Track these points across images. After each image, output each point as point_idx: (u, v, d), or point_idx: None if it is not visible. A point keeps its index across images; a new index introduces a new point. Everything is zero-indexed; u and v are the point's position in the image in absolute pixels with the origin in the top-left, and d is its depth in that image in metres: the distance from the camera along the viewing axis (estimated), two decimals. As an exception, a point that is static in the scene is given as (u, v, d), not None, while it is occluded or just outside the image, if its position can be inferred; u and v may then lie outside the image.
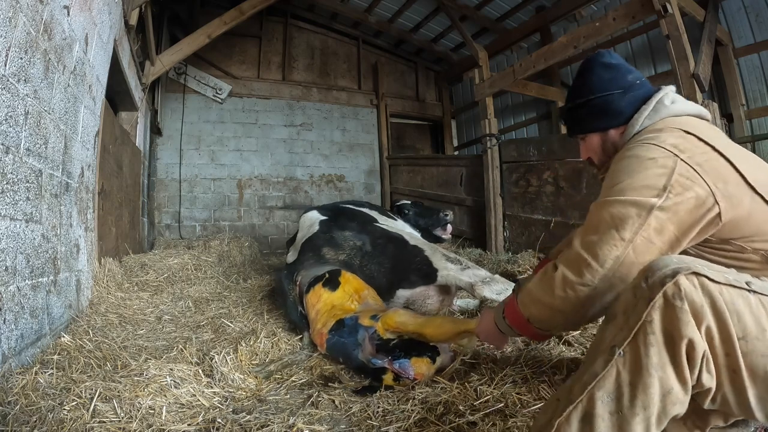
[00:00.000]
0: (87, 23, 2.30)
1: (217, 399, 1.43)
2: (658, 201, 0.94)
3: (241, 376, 1.61)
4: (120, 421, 1.22)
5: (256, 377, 1.66)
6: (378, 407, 1.35)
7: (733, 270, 0.85)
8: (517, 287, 1.31)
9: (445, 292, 2.41)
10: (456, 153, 7.54)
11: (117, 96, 3.84)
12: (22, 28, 1.50)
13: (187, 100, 5.97)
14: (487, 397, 1.32)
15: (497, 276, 2.26)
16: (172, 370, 1.50)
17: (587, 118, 1.28)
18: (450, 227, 3.49)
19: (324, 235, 2.47)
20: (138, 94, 4.20)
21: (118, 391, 1.32)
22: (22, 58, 1.51)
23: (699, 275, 0.78)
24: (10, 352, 1.44)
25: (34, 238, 1.68)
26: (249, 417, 1.29)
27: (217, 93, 6.06)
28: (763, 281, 0.83)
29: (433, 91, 7.89)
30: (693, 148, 0.99)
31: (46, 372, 1.44)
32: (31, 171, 1.65)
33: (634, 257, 0.94)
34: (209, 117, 6.09)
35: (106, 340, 1.91)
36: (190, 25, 5.52)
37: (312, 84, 6.83)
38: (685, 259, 0.82)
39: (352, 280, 2.05)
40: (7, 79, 1.42)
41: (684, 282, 0.77)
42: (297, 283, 2.20)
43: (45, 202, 1.79)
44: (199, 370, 1.58)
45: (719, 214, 0.94)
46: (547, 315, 1.08)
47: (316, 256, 2.36)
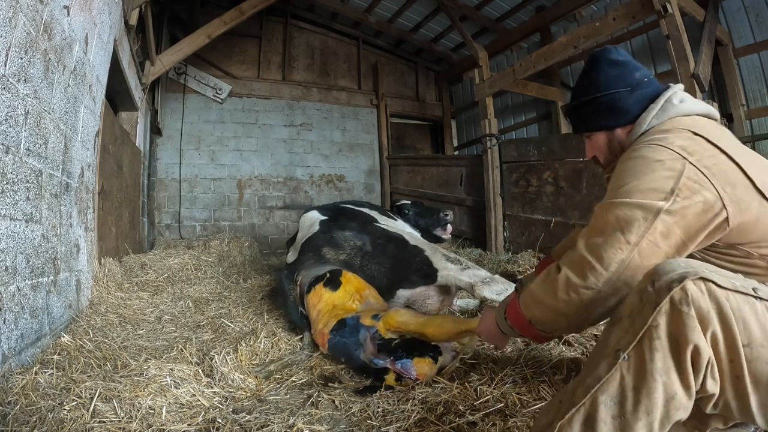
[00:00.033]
0: (87, 23, 2.30)
1: (217, 399, 1.43)
2: (665, 204, 0.92)
3: (241, 376, 1.61)
4: (120, 421, 1.22)
5: (256, 377, 1.66)
6: (378, 407, 1.35)
7: (740, 276, 0.84)
8: (519, 287, 1.30)
9: (445, 292, 2.40)
10: (456, 153, 7.53)
11: (117, 96, 3.84)
12: (22, 28, 1.50)
13: (187, 100, 5.96)
14: (487, 397, 1.32)
15: (497, 276, 2.26)
16: (172, 370, 1.50)
17: (593, 117, 1.25)
18: (450, 227, 3.49)
19: (324, 235, 2.46)
20: (138, 94, 4.20)
21: (118, 391, 1.32)
22: (22, 58, 1.51)
23: (706, 280, 0.77)
24: (10, 352, 1.44)
25: (34, 238, 1.68)
26: (249, 417, 1.29)
27: (217, 93, 6.06)
28: None
29: (433, 91, 7.88)
30: (701, 151, 0.97)
31: (46, 372, 1.44)
32: (31, 171, 1.65)
33: (640, 261, 0.92)
34: (209, 117, 6.09)
35: (106, 340, 1.91)
36: (190, 25, 5.52)
37: (312, 84, 6.83)
38: (693, 264, 0.81)
39: (353, 280, 2.05)
40: (7, 79, 1.42)
41: (691, 287, 0.76)
42: (298, 283, 2.19)
43: (45, 202, 1.79)
44: (199, 370, 1.58)
45: (727, 219, 0.93)
46: (549, 317, 1.06)
47: (317, 256, 2.36)
